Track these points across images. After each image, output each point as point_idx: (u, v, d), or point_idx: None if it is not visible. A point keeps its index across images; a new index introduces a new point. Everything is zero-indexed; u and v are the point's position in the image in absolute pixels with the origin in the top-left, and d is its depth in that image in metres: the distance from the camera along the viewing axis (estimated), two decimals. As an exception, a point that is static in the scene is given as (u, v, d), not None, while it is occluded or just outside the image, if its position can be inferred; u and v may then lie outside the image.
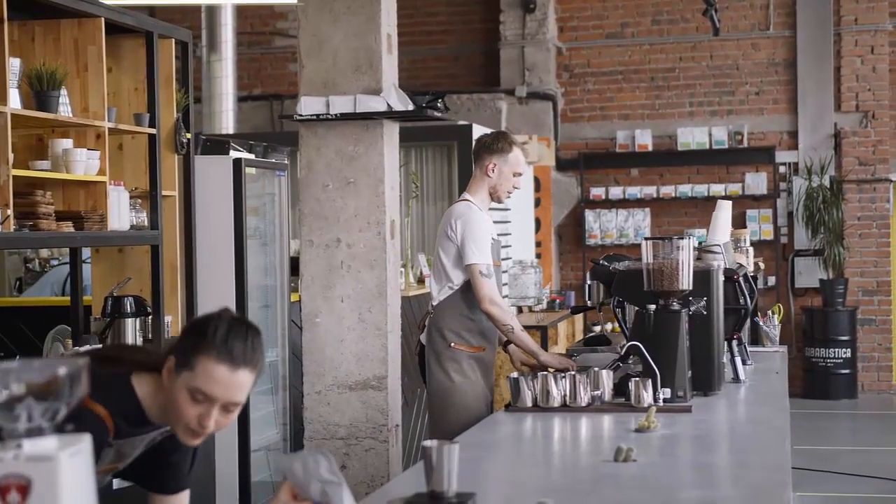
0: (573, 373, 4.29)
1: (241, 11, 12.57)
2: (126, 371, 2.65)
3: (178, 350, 2.57)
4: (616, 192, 12.66)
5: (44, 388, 1.76)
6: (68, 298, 5.64)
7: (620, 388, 4.32)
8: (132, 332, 5.33)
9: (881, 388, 12.35)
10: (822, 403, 11.83)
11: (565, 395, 4.22)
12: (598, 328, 12.12)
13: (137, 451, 2.72)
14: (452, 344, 5.10)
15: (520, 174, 5.22)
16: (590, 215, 12.71)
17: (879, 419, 11.32)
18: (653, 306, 4.38)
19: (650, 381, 4.18)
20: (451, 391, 5.08)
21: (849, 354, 12.03)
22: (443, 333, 5.13)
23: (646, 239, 4.46)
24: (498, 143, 5.22)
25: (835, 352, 12.01)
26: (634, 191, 12.63)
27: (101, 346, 4.81)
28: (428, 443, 2.73)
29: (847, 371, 12.05)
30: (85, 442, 1.79)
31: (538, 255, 12.02)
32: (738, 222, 12.12)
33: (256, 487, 6.32)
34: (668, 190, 12.55)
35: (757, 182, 12.41)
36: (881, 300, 12.37)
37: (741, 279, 5.05)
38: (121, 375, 2.63)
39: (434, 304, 5.20)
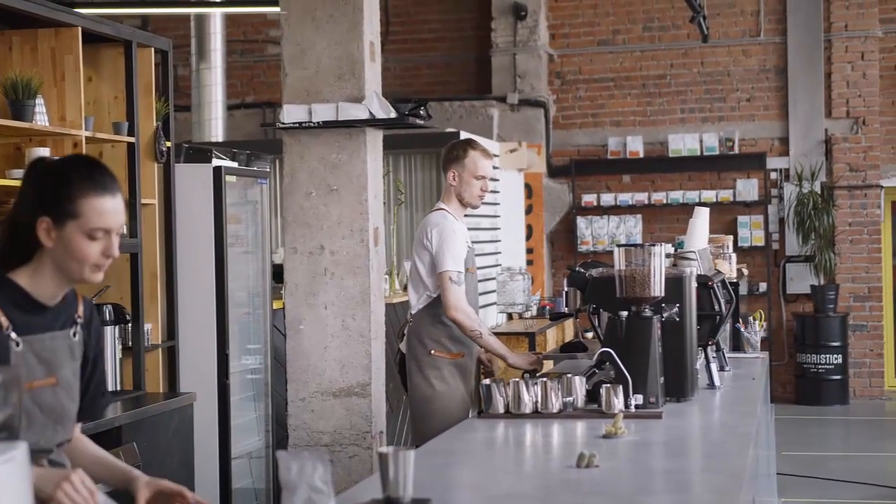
0: (545, 379, 4.30)
1: (233, 20, 12.61)
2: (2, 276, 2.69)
3: (48, 208, 2.62)
4: (608, 198, 12.68)
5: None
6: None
7: (594, 395, 4.33)
8: (111, 339, 5.34)
9: (872, 394, 12.35)
10: (814, 409, 11.83)
11: (537, 402, 4.23)
12: (590, 335, 12.13)
13: (61, 357, 2.71)
14: (432, 351, 5.17)
15: (482, 177, 5.27)
16: (581, 222, 12.73)
17: (870, 425, 11.32)
18: (625, 313, 4.39)
19: (622, 387, 4.20)
20: (432, 398, 5.13)
21: (840, 360, 12.04)
22: (422, 341, 5.19)
23: (618, 246, 4.48)
24: (454, 150, 5.32)
25: (826, 358, 12.01)
26: (626, 197, 12.64)
27: None
28: (383, 449, 2.75)
29: (838, 377, 12.05)
30: (19, 450, 1.81)
31: (530, 262, 12.04)
32: (730, 228, 12.15)
33: (237, 494, 6.33)
34: (659, 196, 12.56)
35: (748, 188, 12.42)
36: (872, 306, 12.38)
37: (717, 285, 5.06)
38: None
39: (412, 312, 5.27)
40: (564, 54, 12.98)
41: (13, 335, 2.61)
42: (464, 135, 9.79)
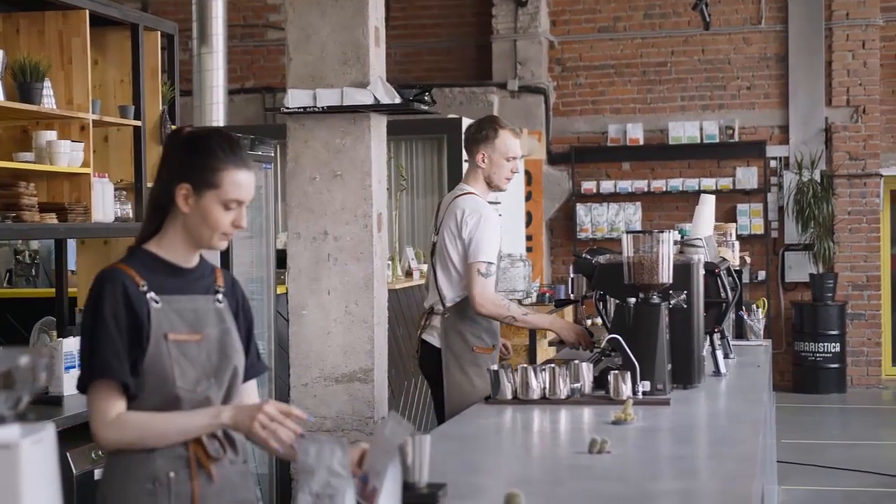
0: (553, 365, 4.29)
1: (233, 4, 12.56)
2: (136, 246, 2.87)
3: (189, 176, 2.77)
4: (607, 185, 12.68)
5: (5, 377, 1.78)
6: (54, 290, 5.65)
7: (601, 381, 4.33)
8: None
9: (870, 383, 12.39)
10: (811, 398, 11.86)
11: (545, 388, 4.24)
12: (589, 321, 12.14)
13: (205, 319, 2.83)
14: (475, 348, 5.01)
15: (512, 158, 5.08)
16: (581, 209, 12.73)
17: (868, 413, 11.36)
18: (633, 299, 4.39)
19: (629, 373, 4.21)
20: (472, 395, 4.95)
21: (838, 349, 12.06)
22: (463, 336, 5.03)
23: (626, 232, 4.47)
24: (482, 130, 5.10)
25: (824, 346, 12.04)
26: (626, 185, 12.65)
27: None
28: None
29: (836, 365, 12.08)
30: (47, 431, 1.81)
31: (529, 249, 12.04)
32: (729, 216, 12.15)
33: (241, 479, 6.32)
34: (659, 184, 12.57)
35: (748, 176, 12.43)
36: (871, 295, 12.40)
37: (723, 273, 5.07)
38: (131, 249, 2.85)
39: (447, 304, 5.06)
40: (565, 41, 12.97)
41: (151, 294, 2.75)
42: (468, 122, 9.78)
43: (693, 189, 12.37)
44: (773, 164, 12.52)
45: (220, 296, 2.89)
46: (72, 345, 5.02)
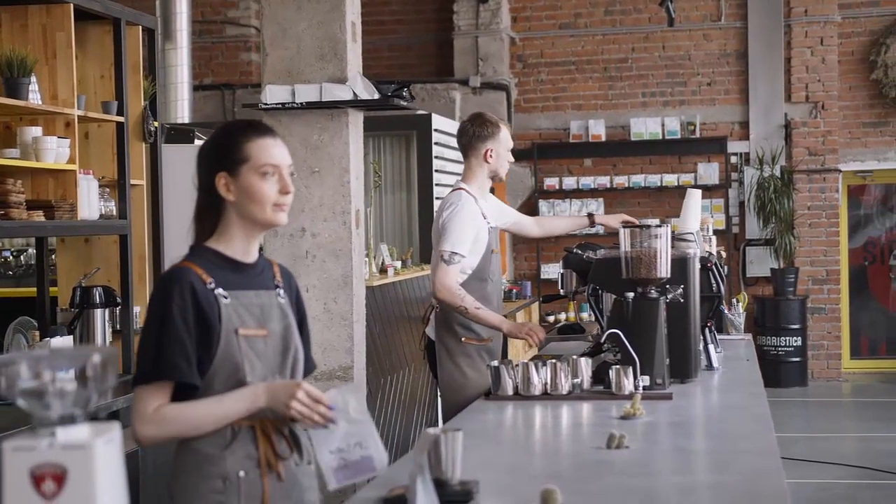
0: (554, 361, 4.28)
1: (193, 0, 12.43)
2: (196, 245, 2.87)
3: (221, 164, 2.79)
4: (570, 182, 12.71)
5: (77, 376, 1.74)
6: (34, 289, 5.55)
7: (598, 376, 4.33)
8: (101, 322, 5.26)
9: (830, 376, 12.52)
10: (773, 391, 11.90)
11: (546, 384, 4.22)
12: (551, 318, 12.18)
13: (270, 314, 2.81)
14: (463, 339, 5.04)
15: (510, 148, 5.27)
16: (544, 205, 12.74)
17: (829, 406, 11.47)
18: (631, 294, 4.39)
19: (630, 368, 4.20)
20: (464, 386, 4.97)
21: (799, 343, 12.18)
22: (452, 328, 5.05)
23: (624, 226, 4.47)
24: (486, 128, 5.18)
25: (785, 340, 12.15)
26: (588, 181, 12.68)
27: None
28: (432, 430, 2.73)
29: (797, 359, 12.20)
30: (115, 430, 1.77)
31: (492, 245, 12.03)
32: (691, 212, 12.21)
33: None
34: (621, 180, 12.61)
35: (709, 172, 12.51)
36: (830, 289, 12.53)
37: (713, 267, 5.09)
38: (193, 248, 2.84)
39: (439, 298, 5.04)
40: (526, 37, 12.98)
41: (219, 290, 2.75)
42: (437, 118, 9.77)
43: (655, 185, 12.43)
44: (733, 159, 12.61)
45: (281, 291, 2.88)
46: (59, 345, 4.94)
